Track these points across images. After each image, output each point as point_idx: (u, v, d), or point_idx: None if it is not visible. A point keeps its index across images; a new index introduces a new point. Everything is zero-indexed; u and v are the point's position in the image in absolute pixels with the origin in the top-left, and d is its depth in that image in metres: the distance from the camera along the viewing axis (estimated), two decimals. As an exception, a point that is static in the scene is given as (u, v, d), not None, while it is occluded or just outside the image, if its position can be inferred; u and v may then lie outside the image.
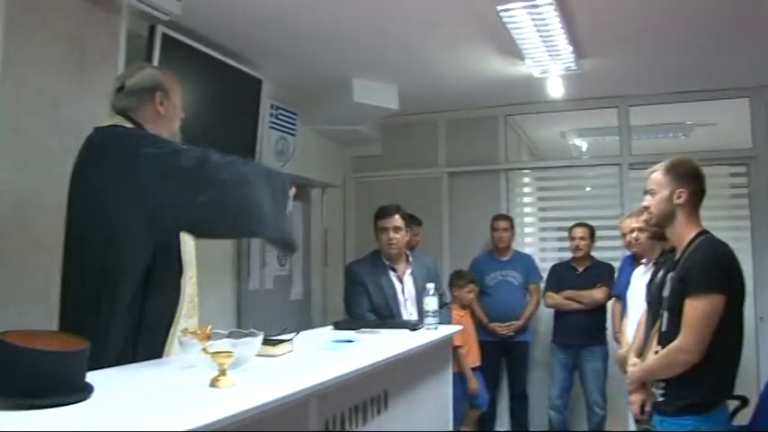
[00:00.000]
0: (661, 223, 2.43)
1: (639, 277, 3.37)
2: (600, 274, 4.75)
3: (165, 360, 1.90)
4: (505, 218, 5.28)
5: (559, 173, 5.76)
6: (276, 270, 4.74)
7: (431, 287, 3.01)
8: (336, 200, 5.84)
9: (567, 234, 4.93)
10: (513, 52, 4.15)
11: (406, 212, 3.68)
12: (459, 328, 3.21)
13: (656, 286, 2.50)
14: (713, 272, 2.22)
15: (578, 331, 4.68)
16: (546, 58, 4.18)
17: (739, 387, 2.38)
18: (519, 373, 5.10)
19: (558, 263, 5.11)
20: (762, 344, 4.85)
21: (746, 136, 5.11)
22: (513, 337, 4.98)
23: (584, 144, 6.56)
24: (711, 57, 4.37)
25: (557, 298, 4.79)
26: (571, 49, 4.02)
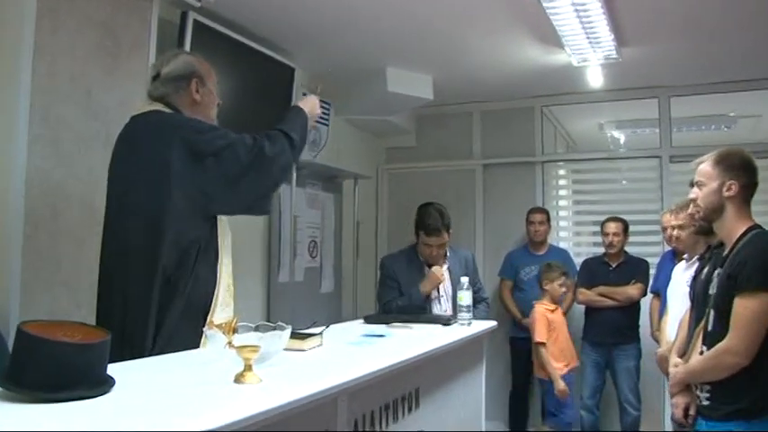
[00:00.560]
0: (709, 217, 2.33)
1: (681, 273, 3.27)
2: (634, 270, 4.62)
3: (188, 353, 1.85)
4: (541, 211, 5.18)
5: (596, 165, 5.63)
6: (307, 262, 4.69)
7: (465, 281, 2.94)
8: (369, 191, 5.79)
9: (600, 229, 4.80)
10: (551, 40, 4.04)
11: (450, 221, 3.49)
12: (494, 324, 3.12)
13: (701, 283, 2.39)
14: (766, 268, 2.10)
15: (611, 329, 4.54)
16: (586, 46, 4.06)
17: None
18: (552, 371, 4.99)
19: (591, 258, 4.98)
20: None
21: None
22: (546, 335, 4.86)
23: (621, 136, 6.42)
24: (757, 46, 4.19)
25: (589, 294, 4.65)
26: (612, 36, 3.89)
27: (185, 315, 2.00)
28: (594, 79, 4.81)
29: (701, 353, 2.27)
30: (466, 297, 2.89)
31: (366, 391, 1.74)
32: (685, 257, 3.34)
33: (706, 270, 2.40)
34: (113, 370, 1.39)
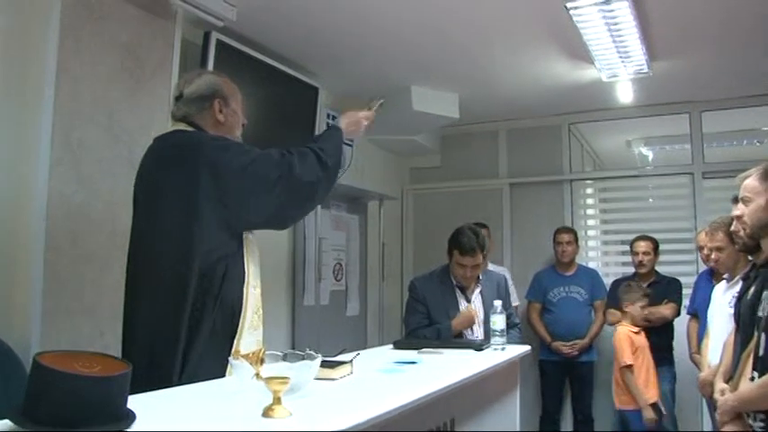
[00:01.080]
0: (756, 234, 2.22)
1: (722, 294, 3.16)
2: (666, 289, 4.46)
3: (214, 383, 1.77)
4: (569, 230, 5.06)
5: (625, 183, 5.50)
6: (332, 285, 4.61)
7: (498, 304, 2.83)
8: (394, 212, 5.72)
9: (630, 248, 4.67)
10: (580, 55, 3.95)
11: (485, 241, 3.36)
12: (528, 348, 3.01)
13: (747, 304, 2.26)
14: (822, 288, 1.98)
15: None
16: (616, 60, 3.97)
17: None
18: (584, 395, 4.83)
19: (620, 278, 4.84)
20: None
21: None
22: (578, 357, 4.73)
23: (650, 153, 6.29)
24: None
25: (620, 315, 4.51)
26: (643, 49, 3.79)
27: (213, 337, 1.95)
28: (624, 95, 4.72)
29: (751, 379, 2.14)
30: (499, 321, 2.78)
31: (401, 421, 1.64)
32: (726, 277, 3.22)
33: (752, 290, 2.27)
34: (136, 401, 1.31)
